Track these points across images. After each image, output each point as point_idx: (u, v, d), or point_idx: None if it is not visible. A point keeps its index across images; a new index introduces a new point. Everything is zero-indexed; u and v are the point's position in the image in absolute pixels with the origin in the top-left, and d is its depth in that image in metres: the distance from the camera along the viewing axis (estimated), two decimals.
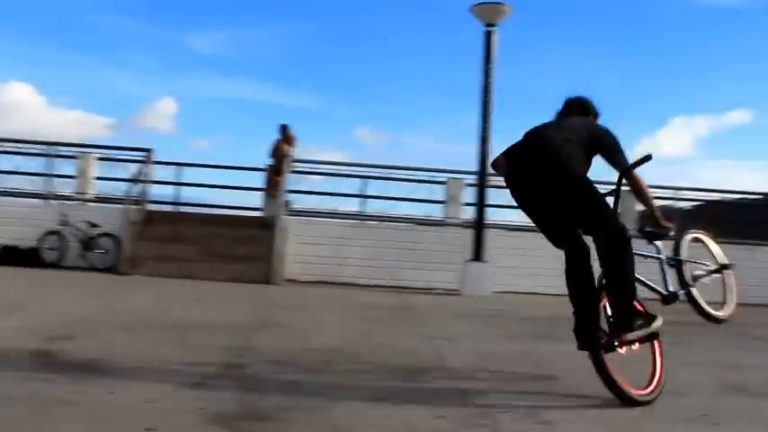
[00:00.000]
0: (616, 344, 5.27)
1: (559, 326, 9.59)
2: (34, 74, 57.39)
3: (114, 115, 65.14)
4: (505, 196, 16.91)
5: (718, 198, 20.04)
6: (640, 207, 7.95)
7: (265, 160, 18.38)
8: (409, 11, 50.59)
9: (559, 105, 6.34)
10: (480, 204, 15.29)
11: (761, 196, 20.65)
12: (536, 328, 9.89)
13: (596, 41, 53.26)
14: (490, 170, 15.14)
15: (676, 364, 6.71)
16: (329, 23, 51.38)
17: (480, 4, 15.17)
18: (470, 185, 17.23)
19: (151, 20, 52.50)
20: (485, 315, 11.16)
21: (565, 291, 6.93)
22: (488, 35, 15.33)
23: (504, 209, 17.22)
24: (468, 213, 17.04)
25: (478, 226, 15.11)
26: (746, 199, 21.15)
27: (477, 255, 14.83)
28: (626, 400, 5.06)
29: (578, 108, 6.35)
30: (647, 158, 5.55)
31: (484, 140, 15.11)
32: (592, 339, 5.20)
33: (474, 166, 15.43)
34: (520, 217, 18.10)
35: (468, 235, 15.45)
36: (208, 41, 54.20)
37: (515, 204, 5.72)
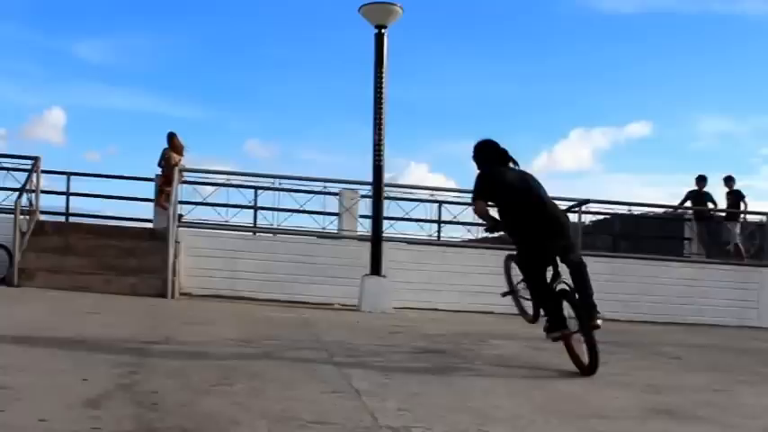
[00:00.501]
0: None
1: (466, 343, 9.62)
2: None
3: (4, 126, 63.63)
4: (402, 209, 17.22)
5: (625, 211, 20.14)
6: None
7: (155, 170, 18.06)
8: (295, 20, 50.49)
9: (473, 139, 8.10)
10: (377, 217, 15.08)
11: (668, 209, 20.98)
12: (440, 345, 9.75)
13: (490, 50, 53.75)
14: (387, 180, 15.30)
15: (597, 384, 6.68)
16: (216, 32, 50.99)
17: (370, 3, 14.81)
18: (365, 197, 17.14)
19: (37, 27, 51.33)
20: (386, 332, 10.97)
21: (465, 307, 7.73)
22: (379, 37, 15.03)
23: (401, 221, 17.21)
24: (364, 226, 16.95)
25: (376, 239, 14.88)
26: (651, 212, 21.47)
27: (375, 269, 14.61)
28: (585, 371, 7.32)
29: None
30: None
31: (378, 149, 14.87)
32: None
33: (368, 177, 15.24)
34: (418, 230, 18.43)
35: (365, 248, 15.30)
36: (94, 50, 53.35)
37: (411, 217, 6.53)
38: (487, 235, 9.35)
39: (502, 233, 8.48)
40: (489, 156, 8.35)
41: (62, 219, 18.61)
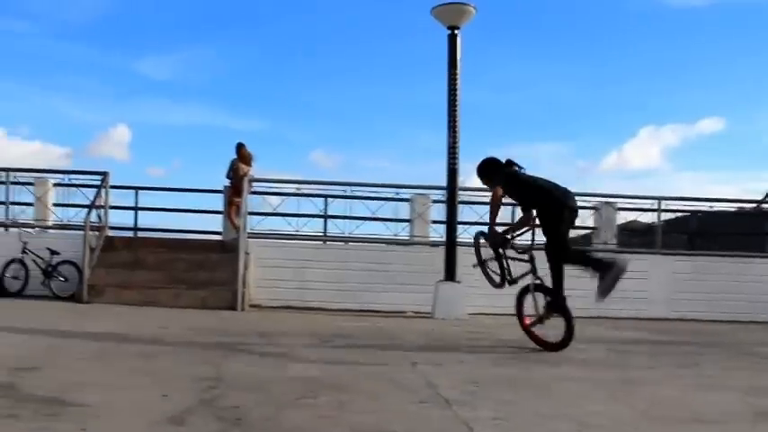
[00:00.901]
0: None
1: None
2: None
3: (71, 145, 64.53)
4: (476, 213, 16.85)
5: (707, 208, 19.58)
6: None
7: (222, 182, 17.95)
8: (354, 29, 50.35)
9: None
10: (451, 221, 14.74)
11: (751, 204, 20.32)
12: (523, 351, 9.39)
13: (556, 51, 53.16)
14: (461, 184, 14.96)
15: (695, 387, 6.32)
16: (278, 45, 51.12)
17: (443, 5, 14.63)
18: (437, 202, 16.87)
19: (100, 47, 51.86)
20: (465, 338, 10.67)
21: None
22: (452, 38, 14.84)
23: (475, 226, 16.86)
24: (437, 231, 16.66)
25: (450, 244, 14.56)
26: (730, 209, 20.83)
27: (450, 274, 14.31)
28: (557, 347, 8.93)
29: None
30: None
31: (453, 151, 14.62)
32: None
33: (434, 182, 14.98)
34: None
35: (438, 254, 15.02)
36: (157, 66, 53.76)
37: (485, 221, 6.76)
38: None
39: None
40: (498, 167, 9.70)
41: (131, 234, 18.59)
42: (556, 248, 9.08)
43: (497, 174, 9.57)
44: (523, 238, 9.74)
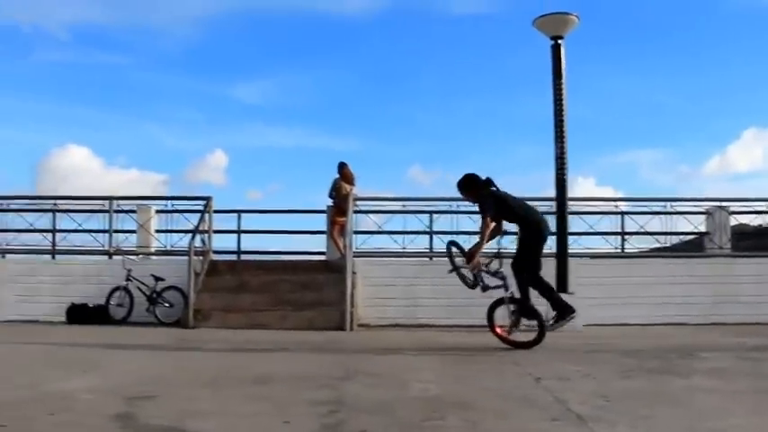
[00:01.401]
0: None
1: (674, 358, 8.88)
2: (90, 137, 58.45)
3: (167, 171, 65.64)
4: (585, 223, 16.48)
5: None
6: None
7: (325, 201, 17.84)
8: (452, 48, 50.17)
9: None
10: (562, 232, 14.37)
11: None
12: (648, 362, 9.00)
13: (653, 56, 52.00)
14: (570, 194, 14.62)
15: None
16: (369, 65, 51.19)
17: (545, 15, 14.43)
18: (544, 213, 16.53)
19: (194, 75, 52.72)
20: (585, 351, 10.29)
21: (656, 320, 7.36)
22: (556, 48, 14.57)
23: (584, 236, 16.52)
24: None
25: (561, 255, 14.20)
26: None
27: (562, 286, 13.92)
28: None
29: None
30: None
31: (561, 162, 14.30)
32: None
33: (542, 193, 14.68)
34: (600, 244, 17.63)
35: (549, 266, 14.66)
36: (250, 91, 54.26)
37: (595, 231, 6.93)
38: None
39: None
40: (479, 183, 10.80)
41: (234, 257, 18.63)
42: (529, 267, 10.80)
43: (480, 190, 10.76)
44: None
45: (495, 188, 10.79)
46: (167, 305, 15.80)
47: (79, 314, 16.09)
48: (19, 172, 54.40)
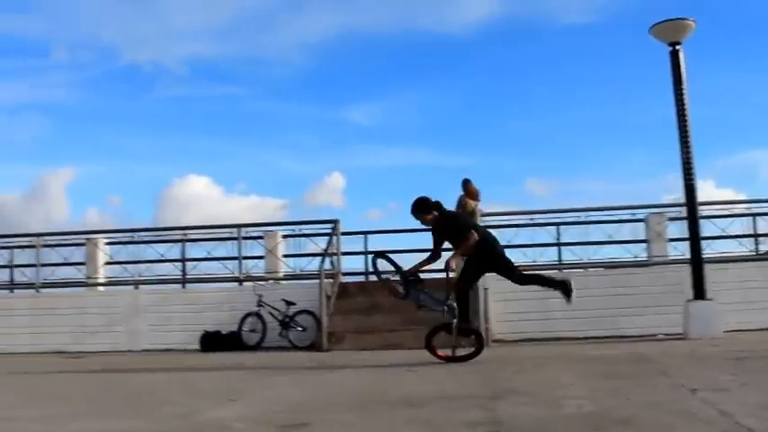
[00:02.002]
0: None
1: None
2: (209, 166, 60.12)
3: (286, 196, 66.53)
4: (717, 227, 16.09)
5: None
6: None
7: None
8: (559, 60, 49.62)
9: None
10: (694, 238, 14.04)
11: None
12: None
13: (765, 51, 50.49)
14: (700, 199, 14.29)
15: None
16: (479, 81, 50.88)
17: (662, 22, 14.22)
18: (673, 219, 16.24)
19: (306, 100, 53.38)
20: (733, 359, 9.99)
21: None
22: (674, 54, 14.39)
23: (719, 240, 16.12)
24: (677, 250, 16.03)
25: (696, 261, 13.87)
26: None
27: (700, 293, 13.61)
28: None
29: None
30: None
31: (688, 167, 14.00)
32: None
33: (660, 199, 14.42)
34: (735, 247, 17.16)
35: (681, 272, 14.40)
36: (364, 113, 54.68)
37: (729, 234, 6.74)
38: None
39: None
40: (433, 205, 11.44)
41: (362, 278, 18.63)
42: (466, 283, 11.60)
43: (437, 210, 11.44)
44: None
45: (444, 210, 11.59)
46: (300, 329, 15.93)
47: (213, 341, 16.36)
48: (142, 203, 56.19)
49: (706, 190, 42.49)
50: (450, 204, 17.65)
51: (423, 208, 11.36)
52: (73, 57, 49.67)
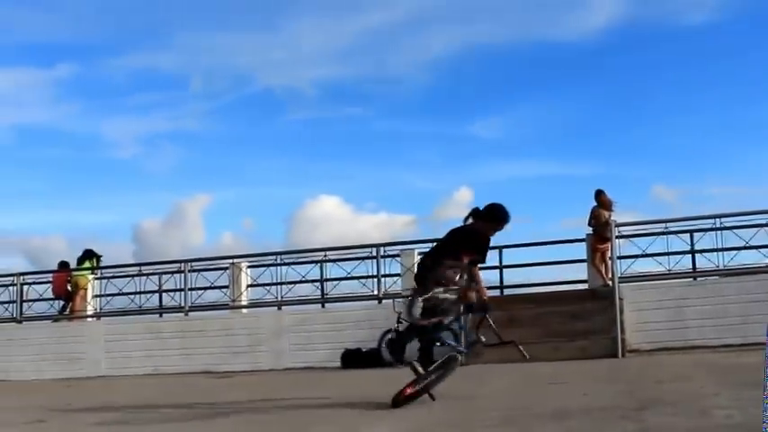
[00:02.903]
0: None
1: None
2: (339, 186, 61.27)
3: (415, 212, 67.08)
4: None
5: None
6: None
7: (585, 230, 17.88)
8: (683, 61, 48.76)
9: None
10: None
11: None
12: None
13: None
14: None
15: None
16: (601, 89, 50.31)
17: None
18: None
19: (431, 117, 53.79)
20: None
21: None
22: None
23: None
24: None
25: None
26: None
27: None
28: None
29: None
30: None
31: None
32: None
33: None
34: None
35: None
36: (488, 127, 54.52)
37: None
38: None
39: None
40: None
41: (498, 292, 18.79)
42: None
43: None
44: None
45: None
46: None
47: (353, 359, 16.72)
48: (274, 225, 57.68)
49: None
50: (583, 215, 17.83)
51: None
52: (207, 86, 51.28)
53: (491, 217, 9.40)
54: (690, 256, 17.22)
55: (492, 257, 18.73)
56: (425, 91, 51.03)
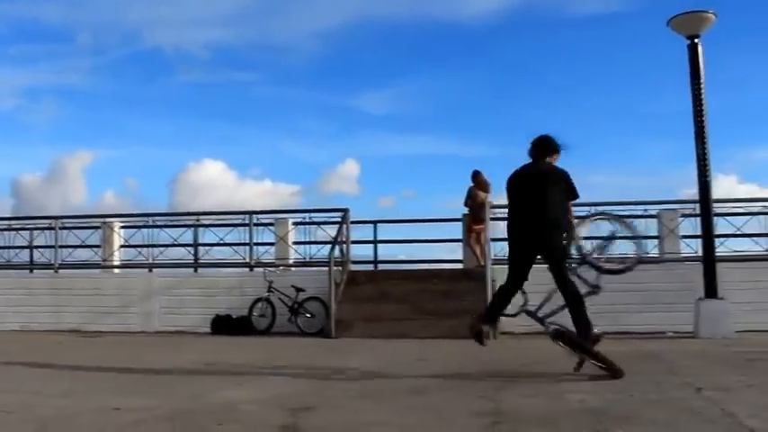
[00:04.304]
0: None
1: None
2: (225, 151, 60.56)
3: (300, 182, 66.80)
4: (732, 225, 15.94)
5: None
6: None
7: (461, 209, 17.78)
8: (573, 50, 49.44)
9: None
10: (708, 235, 13.95)
11: None
12: None
13: None
14: (721, 194, 14.18)
15: None
16: (493, 70, 50.83)
17: (681, 15, 13.96)
18: (686, 216, 16.12)
19: (320, 87, 53.57)
20: (742, 359, 9.96)
21: None
22: (693, 47, 14.06)
23: (733, 238, 16.00)
24: (690, 247, 15.94)
25: (708, 259, 13.77)
26: None
27: (711, 291, 13.54)
28: None
29: None
30: None
31: (703, 163, 13.76)
32: None
33: (674, 195, 14.32)
34: (750, 246, 16.97)
35: (693, 270, 14.33)
36: (378, 101, 54.62)
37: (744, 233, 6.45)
38: None
39: None
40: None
41: (371, 267, 18.70)
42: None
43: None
44: None
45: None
46: (309, 315, 15.95)
47: (223, 325, 16.44)
48: (158, 186, 56.67)
49: (728, 184, 42.28)
50: (459, 195, 17.73)
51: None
52: (95, 41, 49.95)
53: (553, 148, 9.18)
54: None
55: (367, 232, 18.66)
56: (316, 60, 50.94)
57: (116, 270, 19.07)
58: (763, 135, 50.99)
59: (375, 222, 18.88)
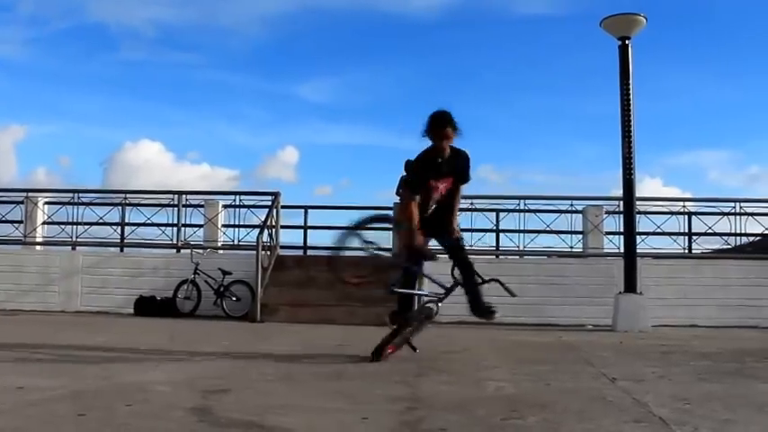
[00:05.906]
0: None
1: (751, 362, 8.75)
2: (162, 132, 60.19)
3: (239, 167, 66.58)
4: (653, 223, 16.28)
5: None
6: None
7: (393, 199, 17.81)
8: (514, 49, 49.92)
9: None
10: (630, 232, 14.25)
11: None
12: (724, 364, 8.86)
13: (722, 54, 50.93)
14: (637, 194, 14.47)
15: None
16: (434, 64, 51.15)
17: (612, 16, 14.41)
18: (611, 213, 16.43)
19: (261, 73, 53.32)
20: (656, 352, 10.17)
21: (726, 322, 6.66)
22: (623, 49, 14.53)
23: (654, 236, 16.35)
24: (613, 243, 16.25)
25: (629, 255, 14.07)
26: None
27: (630, 286, 13.83)
28: None
29: None
30: None
31: (629, 163, 14.13)
32: None
33: (606, 192, 14.63)
34: (668, 244, 17.37)
35: (614, 266, 14.63)
36: (318, 89, 54.77)
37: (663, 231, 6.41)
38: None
39: None
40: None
41: (301, 252, 18.69)
42: None
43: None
44: None
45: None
46: (234, 299, 15.94)
47: (147, 306, 16.35)
48: (92, 165, 56.13)
49: (653, 187, 43.10)
50: (391, 186, 17.77)
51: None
52: (36, 11, 48.89)
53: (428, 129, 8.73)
54: (494, 234, 17.49)
55: (297, 217, 18.66)
56: (258, 46, 50.73)
57: (38, 247, 18.71)
58: (687, 142, 52.08)
59: (306, 208, 18.90)
